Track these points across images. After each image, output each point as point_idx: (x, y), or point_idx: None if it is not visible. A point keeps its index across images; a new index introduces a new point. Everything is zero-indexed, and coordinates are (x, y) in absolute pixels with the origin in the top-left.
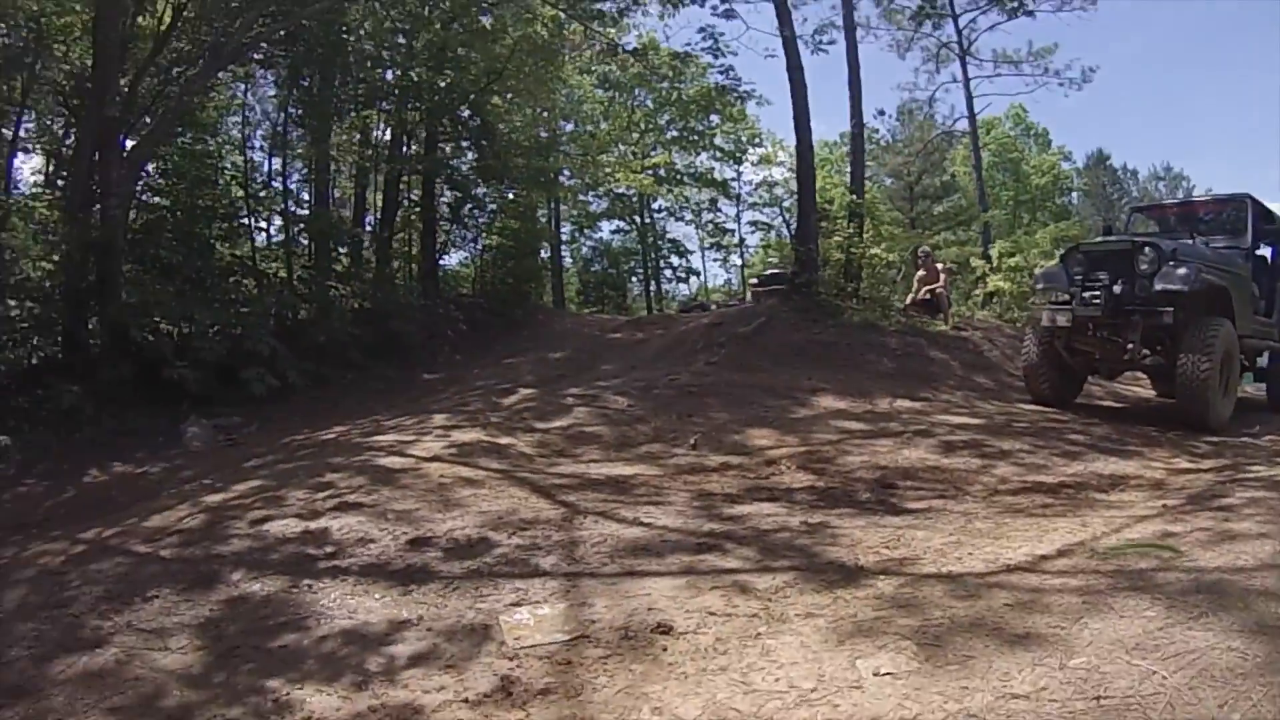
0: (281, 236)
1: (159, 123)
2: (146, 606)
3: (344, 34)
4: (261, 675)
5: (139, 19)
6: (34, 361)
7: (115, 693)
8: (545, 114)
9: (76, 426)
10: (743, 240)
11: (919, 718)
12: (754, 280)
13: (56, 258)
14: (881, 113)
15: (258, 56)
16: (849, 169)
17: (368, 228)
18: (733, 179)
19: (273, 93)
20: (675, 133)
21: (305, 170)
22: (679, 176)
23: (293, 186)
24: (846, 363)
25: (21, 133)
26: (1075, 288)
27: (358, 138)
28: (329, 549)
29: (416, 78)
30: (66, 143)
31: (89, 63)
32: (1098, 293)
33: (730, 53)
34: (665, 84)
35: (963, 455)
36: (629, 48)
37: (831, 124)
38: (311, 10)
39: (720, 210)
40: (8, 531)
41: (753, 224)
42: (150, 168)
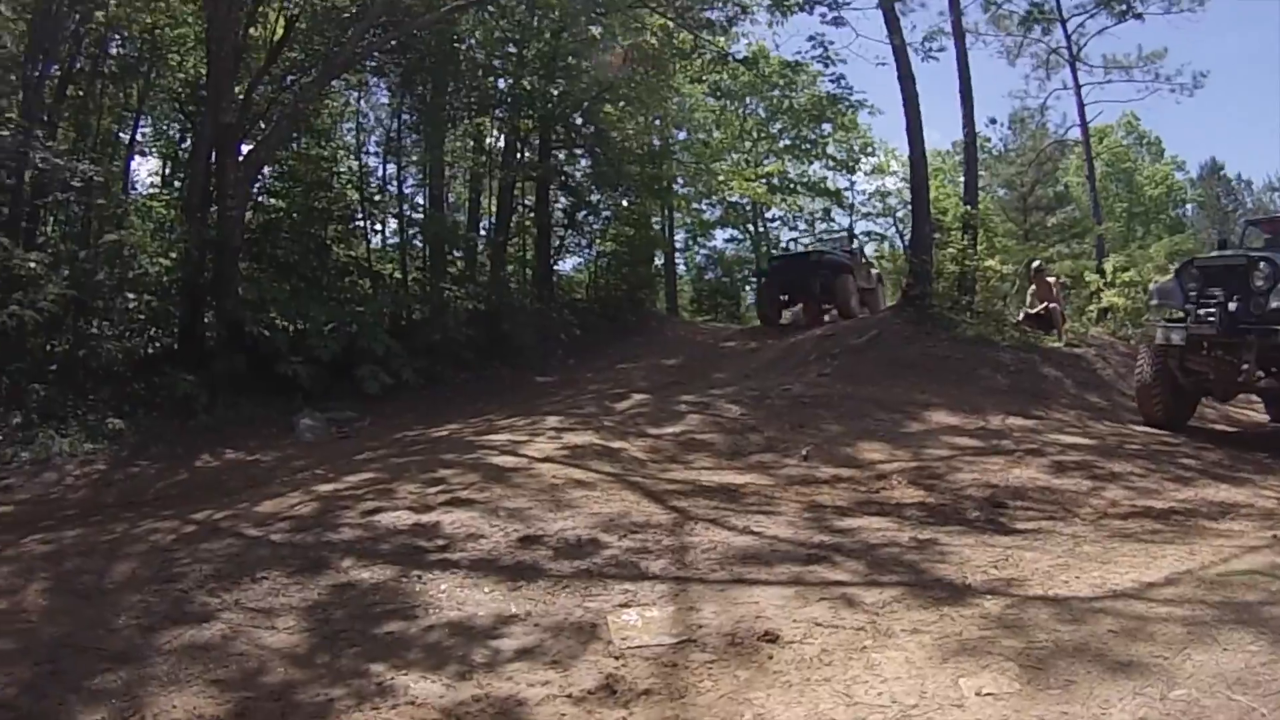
0: (397, 239)
1: (274, 129)
2: (255, 587)
3: (455, 43)
4: (366, 659)
5: (251, 30)
6: (150, 351)
7: (219, 666)
8: (658, 122)
9: (191, 414)
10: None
11: None
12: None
13: (174, 254)
14: (993, 121)
15: (370, 65)
16: (962, 179)
17: (482, 232)
18: (846, 188)
19: (386, 100)
20: (788, 141)
21: (420, 175)
22: (792, 185)
23: (408, 191)
24: (959, 377)
25: (139, 136)
26: (1190, 305)
27: (471, 144)
28: (439, 542)
29: (528, 86)
30: (183, 146)
31: (204, 72)
32: (1213, 310)
33: (840, 61)
34: (776, 92)
35: (1074, 476)
36: (739, 56)
37: (944, 132)
38: (422, 21)
39: (834, 220)
40: (119, 509)
41: (866, 234)
42: (267, 171)
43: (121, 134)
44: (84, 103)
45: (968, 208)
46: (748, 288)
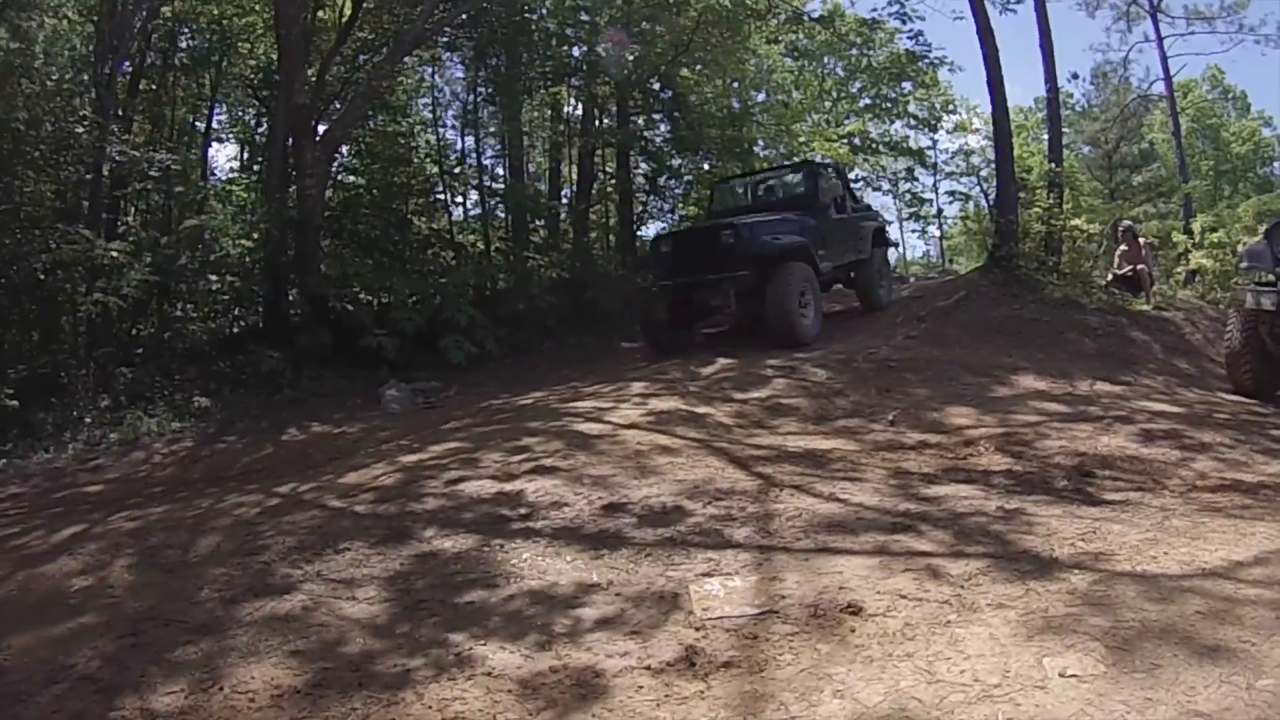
0: (478, 210)
1: (349, 108)
2: (337, 558)
3: (526, 14)
4: (445, 629)
5: (319, 13)
6: (235, 331)
7: (299, 636)
8: (736, 85)
9: (276, 389)
10: (940, 211)
11: None
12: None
13: (255, 235)
14: (1075, 76)
15: (442, 40)
16: (1045, 136)
17: (564, 200)
18: (929, 147)
19: (460, 74)
20: (868, 100)
21: (499, 146)
22: (874, 145)
23: (487, 162)
24: (1046, 341)
25: (214, 124)
26: None
27: (549, 113)
28: (522, 511)
29: (604, 53)
30: (259, 131)
31: (274, 57)
32: None
33: (918, 17)
34: (854, 51)
35: (1162, 446)
36: (814, 15)
37: (1026, 88)
38: None
39: (917, 180)
40: (205, 484)
41: (950, 194)
42: (345, 149)
43: (197, 123)
44: (157, 95)
45: (1052, 165)
46: None
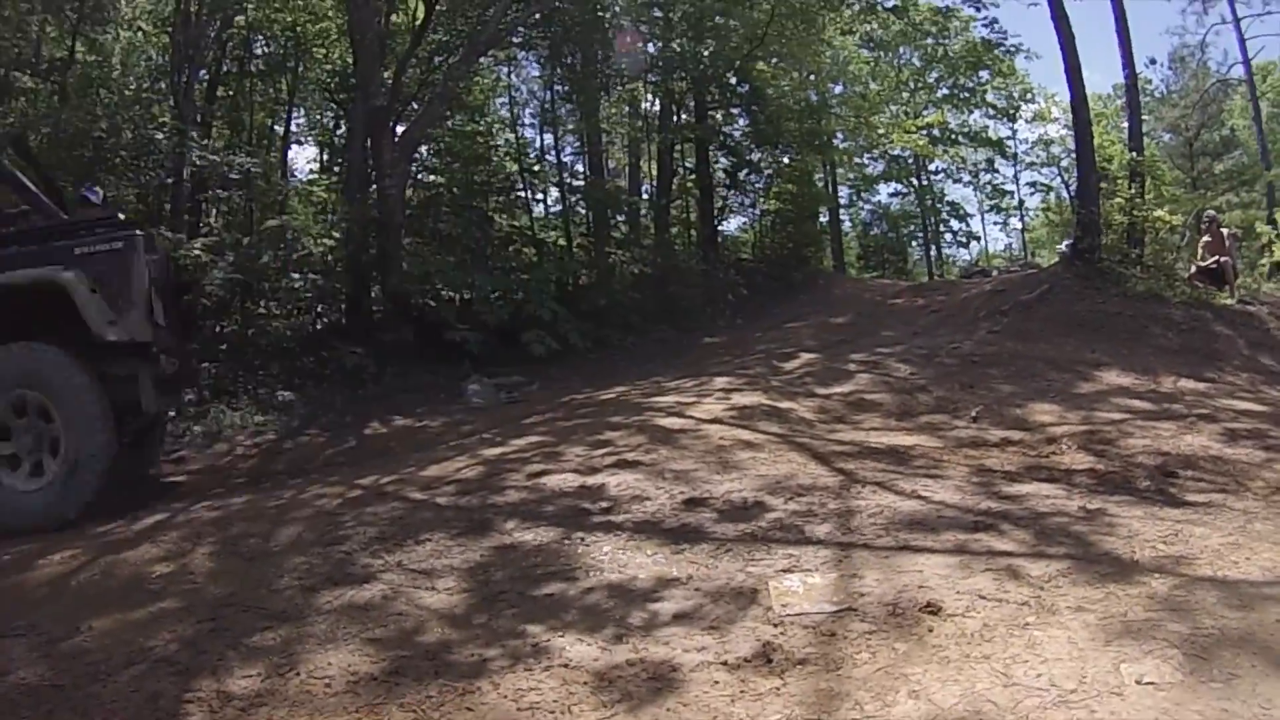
0: (559, 207)
1: (426, 108)
2: (418, 549)
3: (599, 12)
4: (523, 620)
5: (393, 17)
6: (318, 327)
7: (377, 625)
8: (813, 77)
9: (360, 384)
10: (1021, 203)
11: None
12: None
13: (337, 234)
14: (1153, 61)
15: (516, 40)
16: (1125, 124)
17: (644, 196)
18: (1008, 137)
19: (537, 72)
20: (945, 90)
21: (578, 143)
22: (953, 136)
23: (567, 159)
24: (1129, 336)
25: (293, 127)
26: None
27: (627, 110)
28: (604, 504)
29: (678, 48)
30: (338, 133)
31: (350, 61)
32: None
33: (992, 4)
34: (929, 40)
35: (1246, 446)
36: (888, 5)
37: (1105, 74)
38: None
39: (998, 171)
40: (288, 476)
41: (1031, 185)
42: (424, 150)
43: (276, 126)
44: (235, 101)
45: (1133, 154)
46: (914, 243)
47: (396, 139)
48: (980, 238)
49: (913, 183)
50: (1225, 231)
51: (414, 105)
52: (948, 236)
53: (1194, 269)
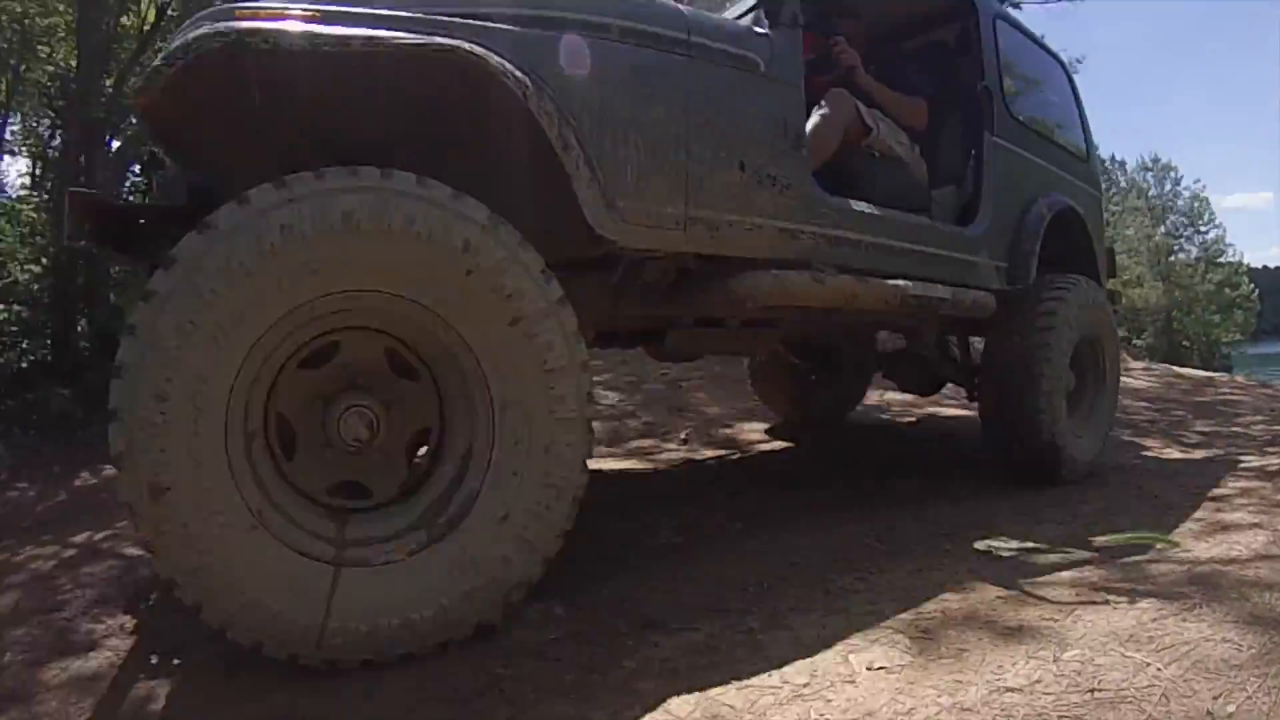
0: None
1: (141, 124)
2: (139, 610)
3: None
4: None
5: (123, 19)
6: (24, 365)
7: (109, 697)
8: None
9: (68, 430)
10: None
11: (912, 711)
12: None
13: (45, 261)
14: None
15: None
16: None
17: None
18: None
19: None
20: None
21: None
22: None
23: None
24: None
25: (7, 135)
26: None
27: None
28: None
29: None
30: (53, 145)
31: (74, 64)
32: None
33: None
34: None
35: None
36: None
37: None
38: None
39: None
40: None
41: None
42: (136, 168)
43: None
44: None
45: None
46: None
47: (111, 155)
48: None
49: None
50: None
51: (132, 119)
52: None
53: None
